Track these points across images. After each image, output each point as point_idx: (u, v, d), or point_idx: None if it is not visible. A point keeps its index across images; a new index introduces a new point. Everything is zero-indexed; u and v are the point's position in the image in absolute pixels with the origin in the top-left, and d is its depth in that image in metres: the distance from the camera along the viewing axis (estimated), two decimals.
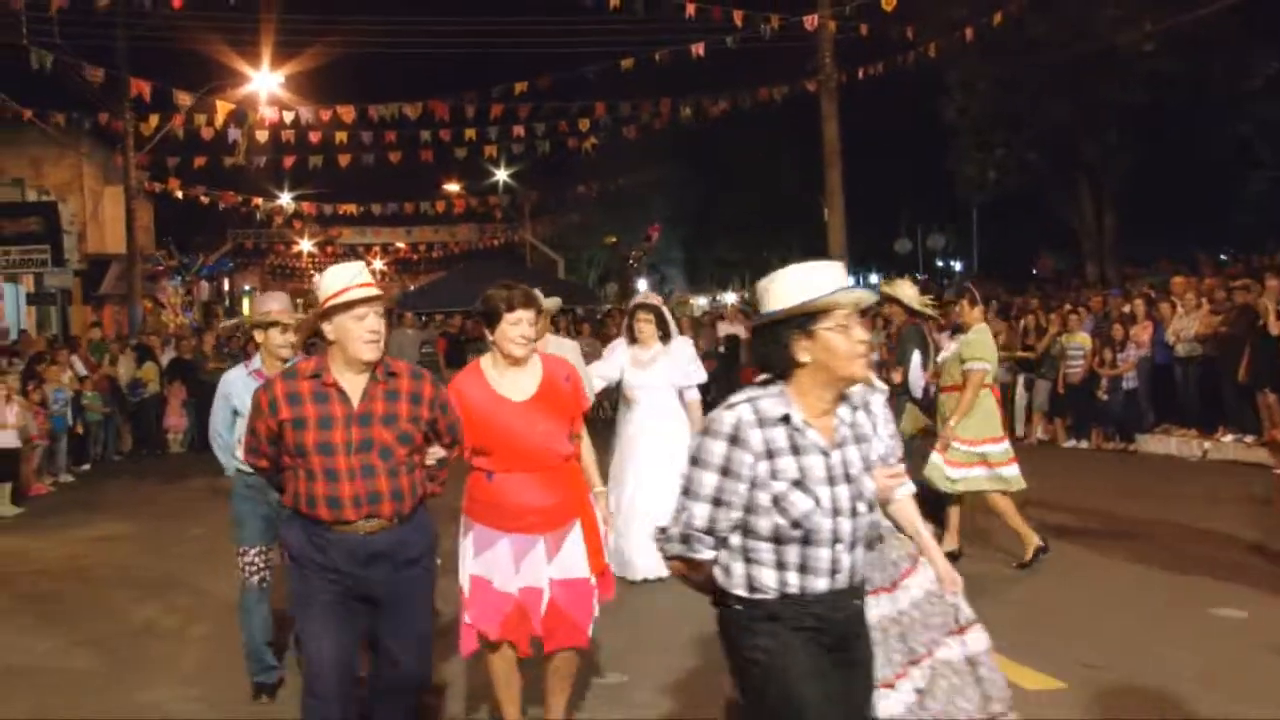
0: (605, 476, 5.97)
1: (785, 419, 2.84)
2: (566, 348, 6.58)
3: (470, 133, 21.78)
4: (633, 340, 7.68)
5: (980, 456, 7.52)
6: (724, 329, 20.52)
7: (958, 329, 8.05)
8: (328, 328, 3.84)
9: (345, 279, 3.85)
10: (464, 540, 4.49)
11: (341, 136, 21.54)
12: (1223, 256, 21.55)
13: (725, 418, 2.84)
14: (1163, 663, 5.46)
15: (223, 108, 19.87)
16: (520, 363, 4.37)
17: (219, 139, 21.16)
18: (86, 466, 14.78)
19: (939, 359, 8.06)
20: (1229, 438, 12.38)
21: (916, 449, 7.62)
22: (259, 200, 30.54)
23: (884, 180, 31.08)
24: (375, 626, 3.91)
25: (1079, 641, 5.87)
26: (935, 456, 7.51)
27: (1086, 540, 8.29)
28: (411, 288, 39.96)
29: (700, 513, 2.83)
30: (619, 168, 31.70)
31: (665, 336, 7.61)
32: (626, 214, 40.48)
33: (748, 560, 2.87)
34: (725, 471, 2.81)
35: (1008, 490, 7.54)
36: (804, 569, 2.84)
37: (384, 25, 21.99)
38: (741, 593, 2.87)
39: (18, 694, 5.86)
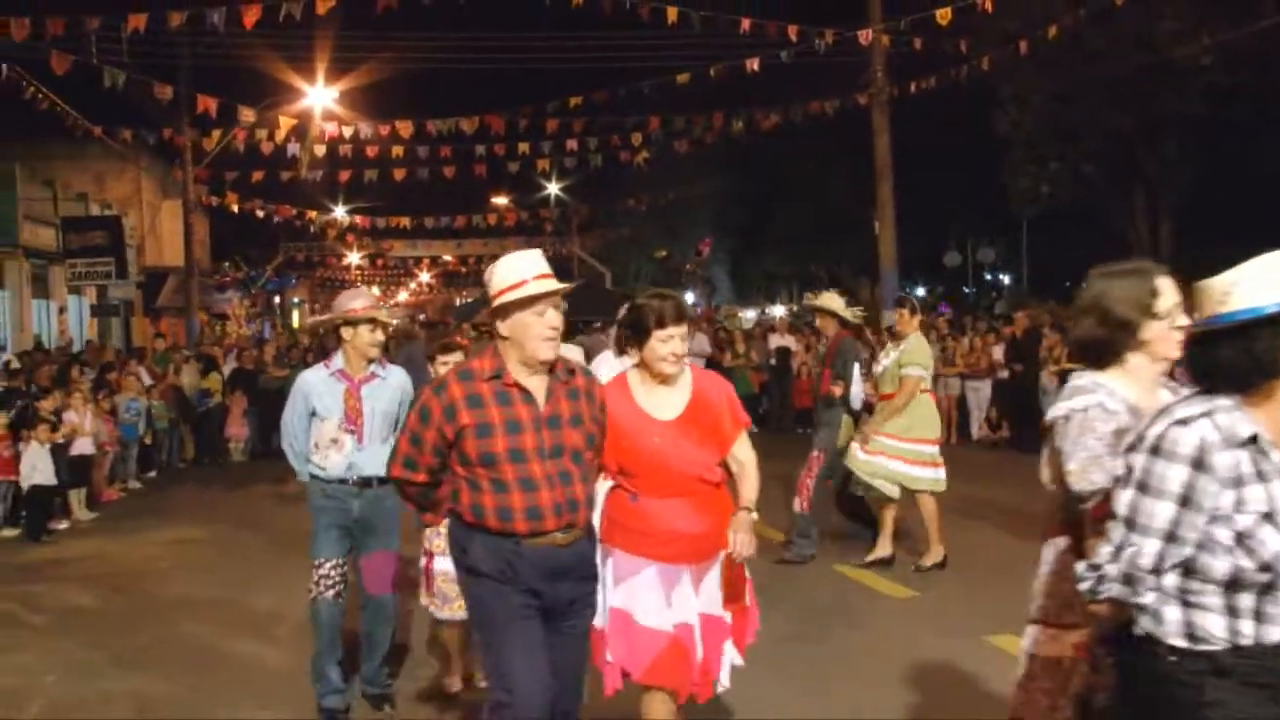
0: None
1: (1252, 439, 2.43)
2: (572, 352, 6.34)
3: (524, 146, 22.05)
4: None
5: (926, 456, 7.89)
6: (775, 341, 20.56)
7: (895, 336, 8.39)
8: (502, 325, 3.55)
9: (522, 270, 3.55)
10: (601, 568, 3.92)
11: (397, 150, 21.85)
12: None
13: (1184, 436, 2.42)
14: None
15: (285, 123, 20.23)
16: (670, 380, 3.98)
17: (276, 153, 21.54)
18: (153, 474, 15.09)
19: (877, 369, 8.24)
20: None
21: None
22: (314, 213, 31.05)
23: (935, 193, 31.03)
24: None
25: None
26: (855, 449, 7.92)
27: None
28: (458, 301, 40.37)
29: (1150, 550, 2.44)
30: (669, 182, 31.90)
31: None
32: (675, 227, 40.69)
33: (1186, 605, 2.47)
34: (1185, 502, 2.41)
35: (934, 491, 7.90)
36: (1260, 617, 2.44)
37: (440, 41, 22.26)
38: (1178, 642, 2.47)
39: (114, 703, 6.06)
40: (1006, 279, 43.50)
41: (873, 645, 6.37)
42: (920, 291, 42.14)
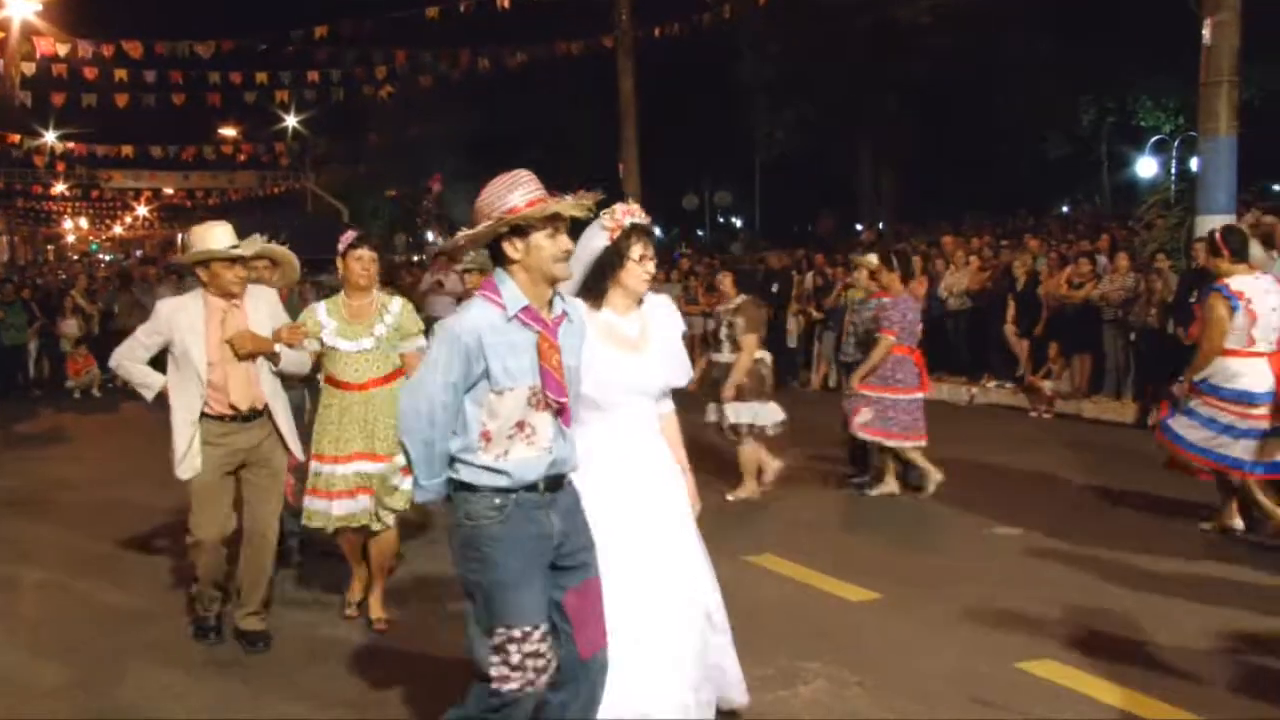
0: None
1: None
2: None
3: (262, 76, 21.10)
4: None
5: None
6: None
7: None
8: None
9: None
10: None
11: (121, 74, 20.42)
12: (983, 219, 23.34)
13: None
14: (966, 573, 6.27)
15: None
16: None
17: None
18: None
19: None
20: (993, 384, 13.66)
21: None
22: (16, 137, 28.52)
23: (678, 137, 31.86)
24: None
25: (888, 559, 6.65)
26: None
27: None
28: (180, 238, 38.23)
29: None
30: (412, 119, 31.28)
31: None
32: (416, 166, 39.96)
33: None
34: None
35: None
36: None
37: None
38: None
39: None
40: (739, 222, 45.19)
41: None
42: (659, 233, 43.21)
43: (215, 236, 5.18)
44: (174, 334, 5.18)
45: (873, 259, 8.76)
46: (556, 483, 3.40)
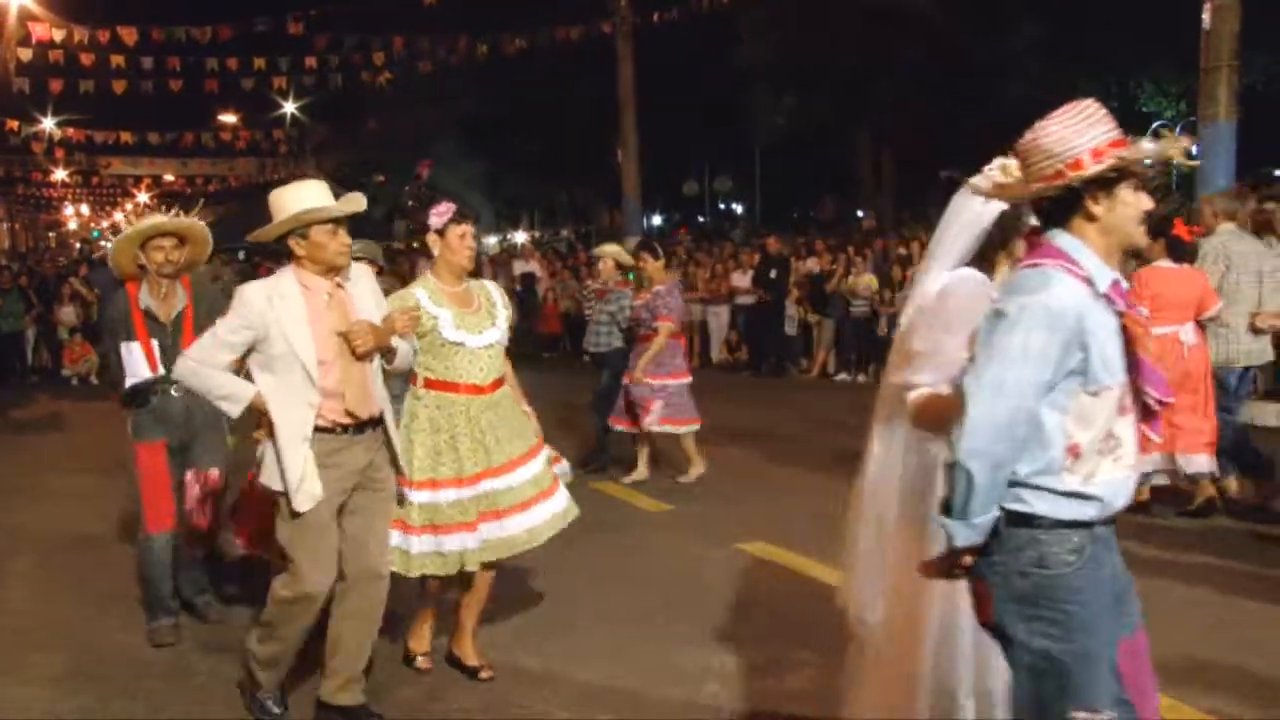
0: None
1: None
2: None
3: (260, 62, 21.01)
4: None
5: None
6: (520, 267, 20.78)
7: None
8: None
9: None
10: None
11: (119, 60, 20.34)
12: None
13: None
14: None
15: None
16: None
17: None
18: None
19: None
20: None
21: None
22: (15, 124, 28.43)
23: (677, 122, 31.73)
24: None
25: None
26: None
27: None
28: None
29: None
30: (411, 104, 31.17)
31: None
32: (415, 151, 39.82)
33: None
34: None
35: None
36: None
37: None
38: None
39: None
40: (739, 208, 45.12)
41: (629, 551, 6.77)
42: (658, 219, 43.21)
43: (311, 194, 4.12)
44: (270, 328, 4.01)
45: (611, 248, 9.11)
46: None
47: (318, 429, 4.04)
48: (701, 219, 43.44)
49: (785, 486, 8.24)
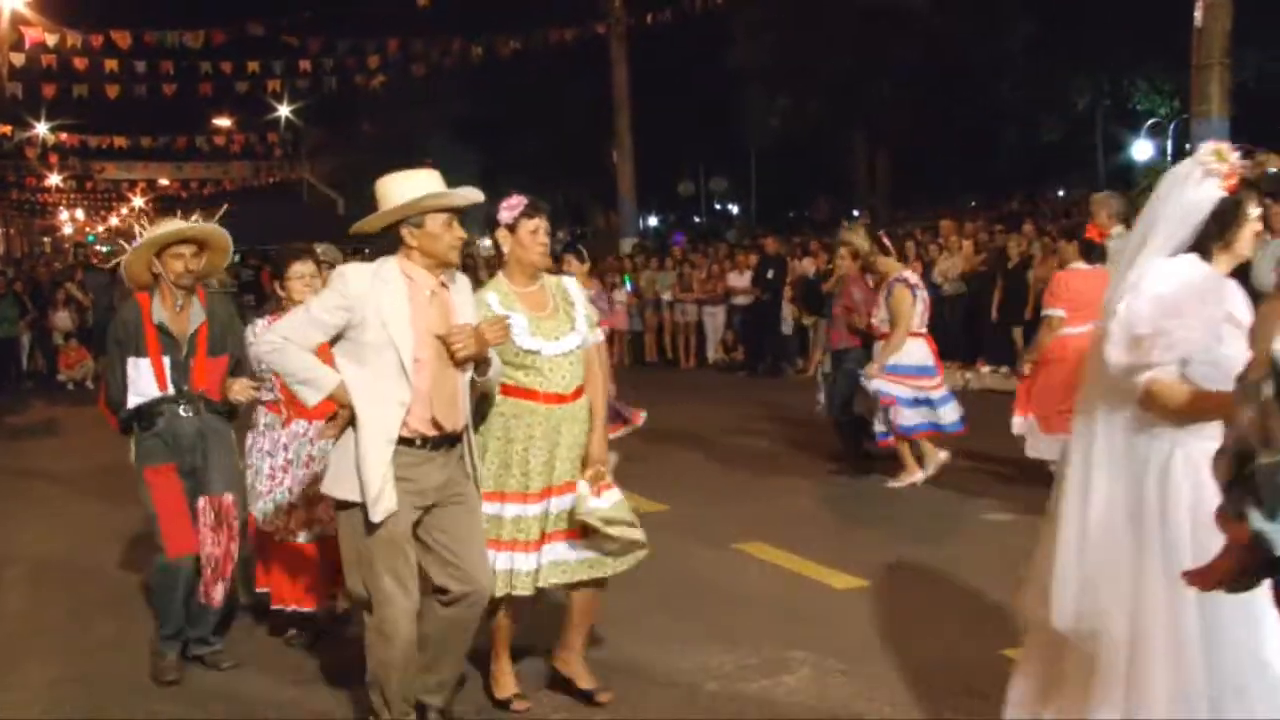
0: None
1: None
2: None
3: (253, 65, 21.00)
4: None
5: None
6: None
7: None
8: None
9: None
10: None
11: (112, 64, 20.32)
12: (973, 203, 23.32)
13: None
14: (956, 560, 6.22)
15: None
16: None
17: None
18: None
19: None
20: (986, 369, 13.62)
21: None
22: (8, 128, 28.41)
23: (672, 123, 31.75)
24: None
25: (876, 546, 6.60)
26: None
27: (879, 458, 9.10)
28: None
29: None
30: (406, 106, 31.17)
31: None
32: (410, 154, 39.83)
33: None
34: None
35: None
36: None
37: None
38: None
39: None
40: (735, 209, 45.17)
41: None
42: (653, 220, 43.22)
43: (425, 183, 3.81)
44: (369, 311, 3.67)
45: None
46: None
47: (398, 438, 3.70)
48: (697, 220, 43.49)
49: (782, 487, 8.25)
